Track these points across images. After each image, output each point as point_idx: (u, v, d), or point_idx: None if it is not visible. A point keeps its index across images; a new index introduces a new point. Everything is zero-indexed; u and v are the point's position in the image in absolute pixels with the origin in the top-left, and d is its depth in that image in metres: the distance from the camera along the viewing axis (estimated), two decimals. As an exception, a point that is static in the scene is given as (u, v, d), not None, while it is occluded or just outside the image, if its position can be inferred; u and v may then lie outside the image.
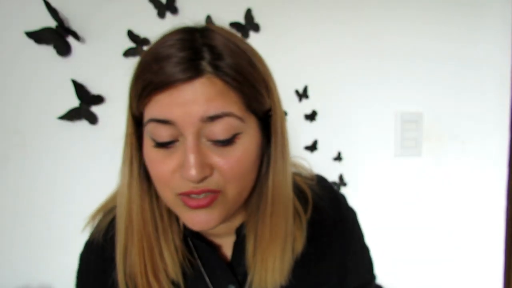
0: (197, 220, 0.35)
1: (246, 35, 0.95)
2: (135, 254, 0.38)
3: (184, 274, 0.41)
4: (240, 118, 0.34)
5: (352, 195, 1.07)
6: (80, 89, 0.89)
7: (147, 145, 0.35)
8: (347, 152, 1.04)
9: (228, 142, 0.34)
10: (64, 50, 0.88)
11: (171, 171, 0.34)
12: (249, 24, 0.95)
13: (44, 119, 0.89)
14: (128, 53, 0.91)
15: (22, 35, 0.85)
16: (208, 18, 0.93)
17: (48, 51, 0.87)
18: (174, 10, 0.92)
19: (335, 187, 0.56)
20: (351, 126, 1.04)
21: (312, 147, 1.02)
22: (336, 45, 1.01)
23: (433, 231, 1.10)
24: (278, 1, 0.97)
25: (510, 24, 1.07)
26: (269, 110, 0.38)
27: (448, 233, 1.11)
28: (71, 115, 0.89)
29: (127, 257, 0.39)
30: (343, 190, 1.05)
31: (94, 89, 0.91)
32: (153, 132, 0.33)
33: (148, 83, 0.32)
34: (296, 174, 0.50)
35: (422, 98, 1.06)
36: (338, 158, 1.04)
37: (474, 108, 1.08)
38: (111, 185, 0.92)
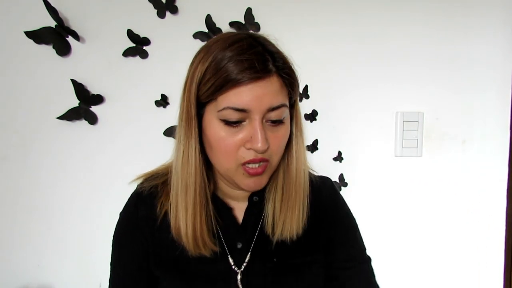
0: (253, 184, 0.47)
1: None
2: (185, 204, 0.48)
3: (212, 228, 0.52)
4: (288, 107, 0.46)
5: (352, 195, 1.08)
6: (79, 89, 0.88)
7: (216, 125, 0.44)
8: (347, 152, 1.04)
9: (279, 122, 0.45)
10: (63, 49, 0.87)
11: (238, 144, 0.44)
12: (249, 24, 0.95)
13: (43, 119, 0.89)
14: (127, 52, 0.91)
15: (21, 34, 0.85)
16: (208, 18, 0.93)
17: (47, 50, 0.87)
18: (174, 10, 0.92)
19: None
20: (352, 126, 1.04)
21: (313, 147, 1.02)
22: (337, 45, 1.01)
23: (434, 231, 1.10)
24: (278, 1, 0.97)
25: (511, 24, 1.06)
26: (294, 100, 0.50)
27: (448, 233, 1.10)
28: (70, 115, 0.89)
29: (177, 207, 0.49)
30: (343, 190, 1.05)
31: (93, 89, 0.91)
32: (227, 115, 0.43)
33: (229, 78, 0.41)
34: None
35: (422, 98, 1.06)
36: (339, 158, 1.04)
37: (474, 108, 1.08)
38: (110, 185, 0.94)
